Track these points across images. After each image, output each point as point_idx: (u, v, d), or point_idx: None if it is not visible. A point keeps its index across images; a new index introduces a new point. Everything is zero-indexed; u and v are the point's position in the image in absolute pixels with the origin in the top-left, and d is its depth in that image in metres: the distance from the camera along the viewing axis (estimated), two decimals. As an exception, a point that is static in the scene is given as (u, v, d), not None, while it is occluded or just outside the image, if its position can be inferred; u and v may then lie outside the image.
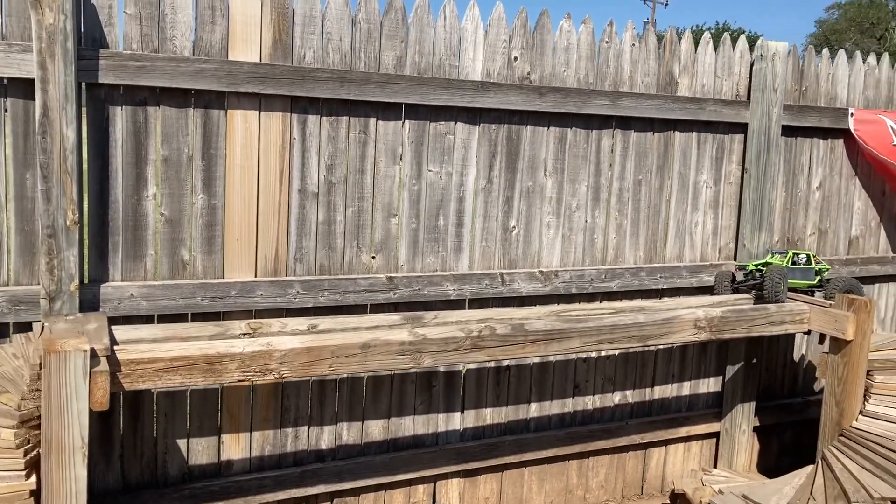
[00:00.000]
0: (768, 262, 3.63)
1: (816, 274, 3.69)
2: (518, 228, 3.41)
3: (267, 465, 3.10)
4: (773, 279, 3.47)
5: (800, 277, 3.65)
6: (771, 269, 3.51)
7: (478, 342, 2.79)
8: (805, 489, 3.20)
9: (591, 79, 3.47)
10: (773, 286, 3.46)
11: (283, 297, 2.97)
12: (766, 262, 3.64)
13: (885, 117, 4.15)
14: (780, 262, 3.62)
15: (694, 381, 3.95)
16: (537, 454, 3.57)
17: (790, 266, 3.62)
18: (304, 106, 2.95)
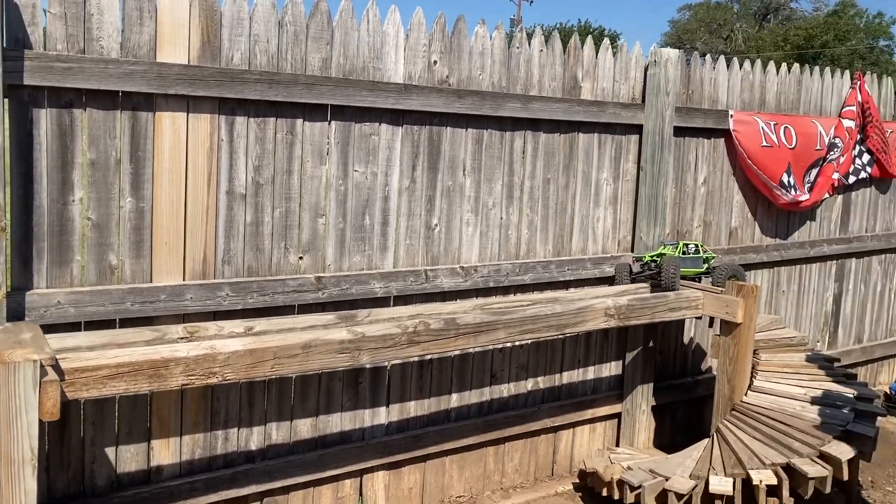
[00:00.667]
0: (662, 253, 3.93)
1: (704, 262, 4.03)
2: (440, 226, 3.54)
3: (198, 468, 3.08)
4: (669, 269, 3.76)
5: (690, 266, 3.97)
6: (666, 259, 3.80)
7: (413, 338, 2.89)
8: (705, 460, 3.51)
9: (504, 83, 3.64)
10: (670, 275, 3.75)
11: (213, 300, 2.96)
12: (660, 252, 3.94)
13: (758, 118, 4.56)
14: (672, 252, 3.92)
15: (598, 366, 4.21)
16: (458, 443, 3.71)
17: (681, 256, 3.94)
18: (232, 107, 2.95)
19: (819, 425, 3.46)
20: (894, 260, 5.73)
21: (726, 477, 3.30)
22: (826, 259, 5.23)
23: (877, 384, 5.83)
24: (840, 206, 5.25)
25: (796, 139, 4.68)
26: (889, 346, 5.79)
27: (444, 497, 3.76)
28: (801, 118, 4.79)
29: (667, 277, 3.76)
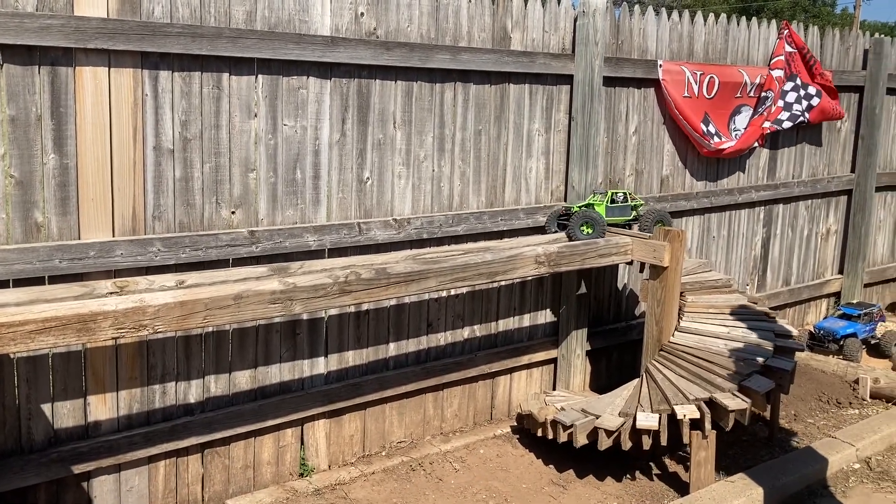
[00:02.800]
0: (590, 204, 4.04)
1: (633, 210, 4.15)
2: (372, 179, 3.58)
3: (136, 422, 3.12)
4: (574, 223, 3.90)
5: (618, 214, 4.09)
6: (576, 214, 3.93)
7: (345, 287, 2.96)
8: (633, 399, 3.67)
9: (433, 34, 3.66)
10: (573, 229, 3.90)
11: (144, 256, 2.98)
12: (589, 203, 4.05)
13: (685, 68, 4.66)
14: (600, 202, 4.04)
15: (533, 314, 4.33)
16: (397, 390, 3.80)
17: (609, 204, 4.05)
18: (156, 62, 2.93)
19: (740, 361, 3.63)
20: (820, 205, 5.95)
21: (653, 413, 3.46)
22: (754, 205, 5.41)
23: (804, 324, 6.09)
24: (767, 154, 5.41)
25: (717, 88, 4.80)
26: (815, 288, 6.03)
27: (385, 443, 3.86)
28: (728, 68, 4.91)
29: (571, 230, 3.90)
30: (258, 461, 3.46)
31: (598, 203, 4.03)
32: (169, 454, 3.21)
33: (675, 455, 3.88)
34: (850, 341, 5.33)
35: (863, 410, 4.55)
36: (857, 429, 4.15)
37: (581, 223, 3.92)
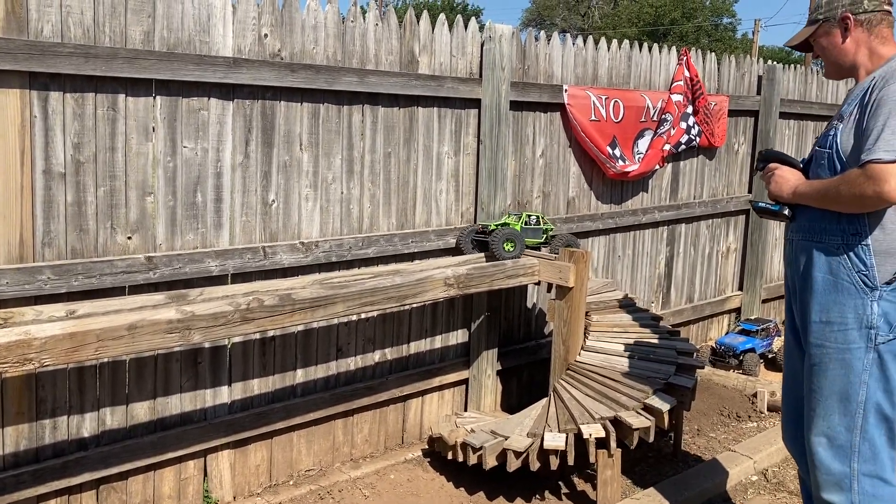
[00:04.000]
0: (506, 223, 4.08)
1: (544, 233, 4.21)
2: (278, 202, 3.52)
3: (23, 460, 2.95)
4: (497, 240, 3.93)
5: (531, 236, 4.15)
6: (497, 231, 3.96)
7: (247, 314, 2.88)
8: (542, 418, 3.70)
9: (340, 56, 3.64)
10: (496, 245, 3.92)
11: (33, 284, 2.83)
12: (504, 222, 4.09)
13: (590, 93, 4.78)
14: (515, 223, 4.09)
15: (445, 335, 4.33)
16: (305, 417, 3.73)
17: (524, 226, 4.11)
18: (45, 82, 2.81)
19: (644, 379, 3.72)
20: (720, 224, 6.18)
21: (560, 433, 3.50)
22: (658, 225, 5.58)
23: (707, 339, 6.30)
24: (670, 175, 5.60)
25: (623, 112, 4.94)
26: (717, 305, 6.26)
27: (292, 472, 3.78)
28: (631, 92, 5.06)
29: (494, 248, 3.93)
30: (158, 495, 3.33)
31: (514, 223, 4.08)
32: (60, 492, 3.05)
33: (583, 474, 3.94)
34: (749, 356, 5.54)
35: (760, 423, 4.73)
36: (754, 442, 4.30)
37: (504, 240, 3.94)
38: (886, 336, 2.49)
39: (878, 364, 2.51)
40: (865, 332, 2.51)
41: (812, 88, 6.87)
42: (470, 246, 4.11)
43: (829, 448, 2.59)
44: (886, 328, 2.49)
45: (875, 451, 2.54)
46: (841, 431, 2.56)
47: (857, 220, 2.50)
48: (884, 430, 2.55)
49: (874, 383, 2.52)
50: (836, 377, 2.57)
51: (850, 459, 2.56)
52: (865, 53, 2.65)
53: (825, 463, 2.60)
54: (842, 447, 2.56)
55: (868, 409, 2.53)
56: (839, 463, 2.57)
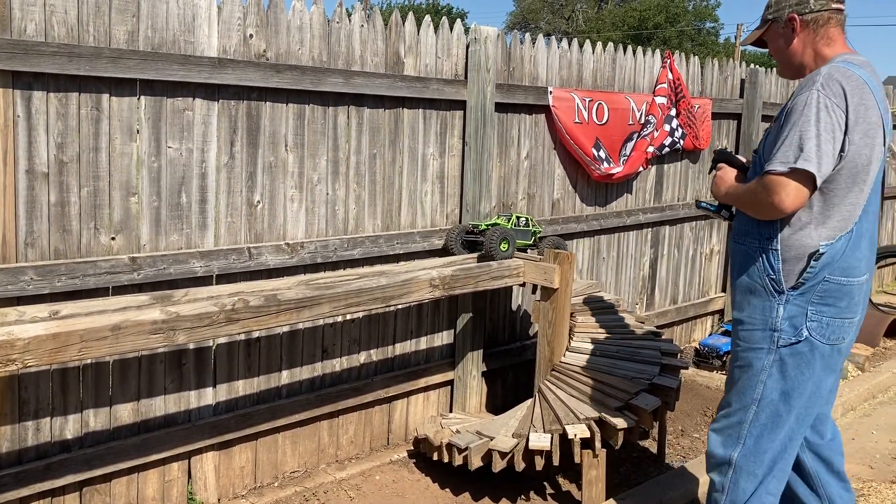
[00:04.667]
0: (496, 223, 4.09)
1: (532, 235, 4.23)
2: (263, 203, 3.51)
3: (6, 462, 2.93)
4: (493, 239, 3.93)
5: (520, 238, 4.16)
6: (491, 230, 3.97)
7: (232, 315, 2.88)
8: (527, 419, 3.71)
9: (325, 57, 3.64)
10: (492, 244, 3.92)
11: (16, 285, 2.81)
12: (494, 222, 4.10)
13: (575, 95, 4.81)
14: (505, 223, 4.10)
15: (430, 336, 4.33)
16: (290, 419, 3.72)
17: (513, 227, 4.12)
18: (29, 82, 2.79)
19: (628, 380, 3.73)
20: (703, 226, 6.23)
21: (545, 433, 3.51)
22: (642, 227, 5.61)
23: (691, 340, 6.34)
24: (654, 177, 5.63)
25: (608, 115, 4.97)
26: (701, 306, 6.30)
27: (277, 473, 3.77)
28: (615, 95, 5.09)
29: (487, 246, 3.92)
30: (142, 497, 3.31)
31: (505, 224, 4.09)
32: (43, 494, 3.03)
33: (568, 474, 3.95)
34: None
35: (744, 423, 4.76)
36: (738, 442, 4.32)
37: (500, 239, 3.95)
38: (789, 339, 2.54)
39: (779, 366, 2.57)
40: (769, 334, 2.57)
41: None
42: (459, 246, 4.11)
43: (719, 434, 2.73)
44: (791, 331, 2.53)
45: (759, 448, 2.63)
46: (733, 422, 2.68)
47: (771, 226, 2.55)
48: (775, 431, 2.61)
49: (772, 384, 2.59)
50: (739, 373, 2.68)
51: (734, 449, 2.67)
52: (811, 54, 2.64)
53: (711, 446, 2.76)
54: (730, 436, 2.68)
55: (762, 407, 2.61)
56: (723, 449, 2.70)
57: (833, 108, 2.39)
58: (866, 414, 5.09)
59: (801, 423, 2.63)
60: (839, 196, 2.46)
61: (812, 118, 2.39)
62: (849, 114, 2.40)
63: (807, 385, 2.57)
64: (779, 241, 2.53)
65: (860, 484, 4.02)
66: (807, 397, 2.59)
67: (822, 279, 2.50)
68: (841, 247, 2.49)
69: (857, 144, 2.42)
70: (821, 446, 2.87)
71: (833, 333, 2.53)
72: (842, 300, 2.51)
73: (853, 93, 2.40)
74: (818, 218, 2.49)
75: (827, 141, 2.37)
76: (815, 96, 2.41)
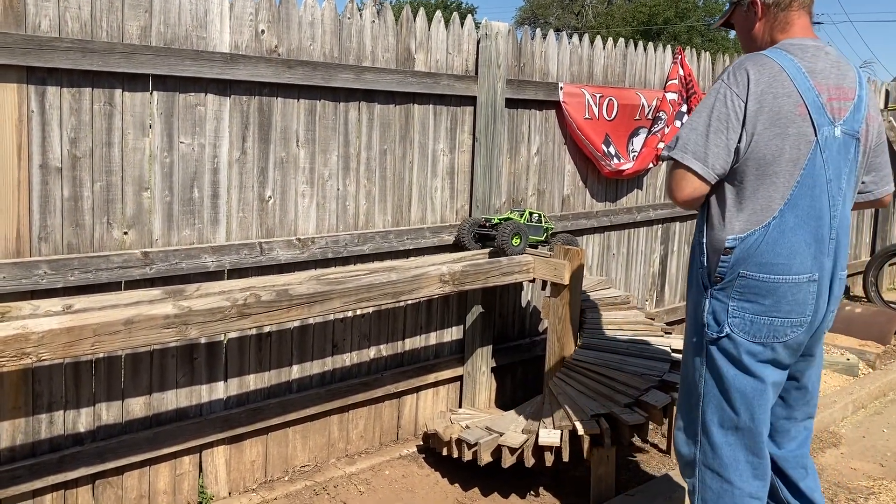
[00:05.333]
0: (509, 218, 4.08)
1: (544, 231, 4.22)
2: (274, 198, 3.52)
3: (20, 454, 2.95)
4: (505, 233, 3.93)
5: (533, 234, 4.16)
6: (504, 224, 3.97)
7: (244, 310, 2.89)
8: (536, 415, 3.72)
9: (337, 53, 3.64)
10: (504, 238, 3.92)
11: (29, 279, 2.83)
12: (507, 216, 4.10)
13: (585, 91, 4.80)
14: (518, 219, 4.10)
15: (439, 331, 4.34)
16: (300, 413, 3.73)
17: (526, 222, 4.12)
18: (43, 77, 2.81)
19: (638, 376, 3.73)
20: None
21: (555, 429, 3.51)
22: (652, 223, 5.60)
23: (700, 338, 6.32)
24: (665, 173, 5.62)
25: (617, 111, 4.96)
26: (710, 303, 6.27)
27: (287, 467, 3.78)
28: (626, 91, 5.08)
29: (500, 240, 3.93)
30: (154, 490, 3.33)
31: (517, 219, 4.09)
32: (56, 486, 3.05)
33: (577, 470, 3.96)
34: (742, 354, 5.56)
35: (754, 420, 4.75)
36: (748, 439, 4.32)
37: (513, 234, 3.95)
38: (712, 334, 2.46)
39: (709, 361, 2.51)
40: (700, 329, 2.52)
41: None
42: (471, 239, 4.11)
43: (682, 432, 2.67)
44: (715, 326, 2.46)
45: (713, 445, 2.54)
46: (690, 419, 2.62)
47: (701, 218, 2.51)
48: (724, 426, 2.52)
49: (710, 379, 2.52)
50: (685, 368, 2.65)
51: (694, 447, 2.61)
52: (768, 40, 2.50)
53: (678, 444, 2.69)
54: (690, 433, 2.63)
55: (707, 403, 2.54)
56: (686, 448, 2.64)
57: (732, 97, 2.31)
58: (877, 412, 5.07)
59: (754, 418, 2.48)
60: (749, 189, 2.35)
61: (706, 109, 2.35)
62: (748, 103, 2.29)
63: (743, 381, 2.45)
64: (705, 235, 2.47)
65: (871, 482, 4.02)
66: (749, 392, 2.46)
67: (737, 274, 2.40)
68: (755, 242, 2.36)
69: (762, 135, 2.30)
70: (777, 457, 2.69)
71: (759, 332, 2.41)
72: (765, 298, 2.38)
73: (760, 80, 2.30)
74: (731, 212, 2.39)
75: (717, 132, 2.31)
76: (717, 86, 2.36)
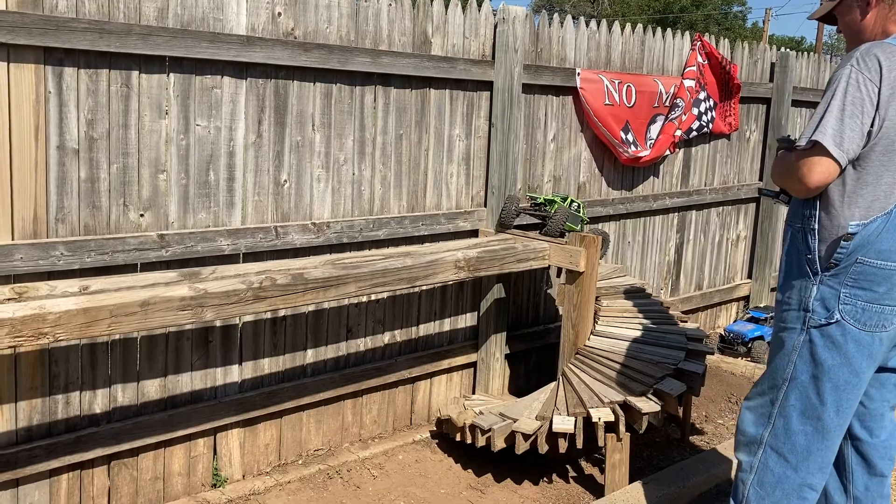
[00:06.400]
0: (553, 200, 4.07)
1: (580, 221, 4.19)
2: (290, 182, 3.51)
3: (36, 434, 2.97)
4: (559, 217, 3.94)
5: (571, 221, 4.14)
6: (561, 209, 3.97)
7: (259, 293, 2.89)
8: (550, 402, 3.71)
9: (353, 36, 3.62)
10: (557, 224, 3.93)
11: (47, 260, 2.84)
12: (552, 199, 4.08)
13: (603, 77, 4.75)
14: (561, 204, 4.08)
15: (453, 318, 4.33)
16: (314, 397, 3.74)
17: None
18: (60, 58, 2.81)
19: (654, 364, 3.71)
20: (730, 212, 6.16)
21: (569, 416, 3.50)
22: (668, 211, 5.56)
23: (716, 327, 6.30)
24: (681, 162, 5.57)
25: (636, 97, 4.92)
26: (726, 292, 6.24)
27: (301, 451, 3.79)
28: (644, 77, 5.03)
29: (554, 224, 3.94)
30: (168, 472, 3.35)
31: (560, 205, 4.08)
32: (72, 467, 3.07)
33: (591, 457, 3.95)
34: (758, 344, 5.53)
35: (769, 410, 4.72)
36: (763, 428, 4.29)
37: (566, 219, 3.98)
38: (819, 320, 2.47)
39: (809, 347, 2.50)
40: (802, 314, 2.51)
41: (825, 76, 6.82)
42: (513, 216, 4.11)
43: (751, 412, 2.65)
44: (823, 312, 2.46)
45: (788, 430, 2.55)
46: (765, 401, 2.61)
47: (811, 204, 2.48)
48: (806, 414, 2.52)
49: (802, 365, 2.52)
50: (774, 351, 2.63)
51: (765, 428, 2.60)
52: (879, 32, 2.50)
53: (743, 423, 2.67)
54: (761, 415, 2.62)
55: (791, 388, 2.54)
56: (753, 427, 2.63)
57: (865, 82, 2.32)
58: None
59: (840, 412, 2.50)
60: (873, 175, 2.38)
61: (840, 93, 2.34)
62: (882, 88, 2.31)
63: (839, 371, 2.47)
64: (817, 221, 2.46)
65: None
66: (842, 385, 2.47)
67: (854, 261, 2.40)
68: (876, 228, 2.38)
69: (892, 120, 2.33)
70: (867, 444, 2.69)
71: (870, 319, 2.42)
72: (880, 285, 2.40)
73: (892, 67, 2.31)
74: (851, 197, 2.41)
75: (852, 115, 2.31)
76: (848, 71, 2.35)
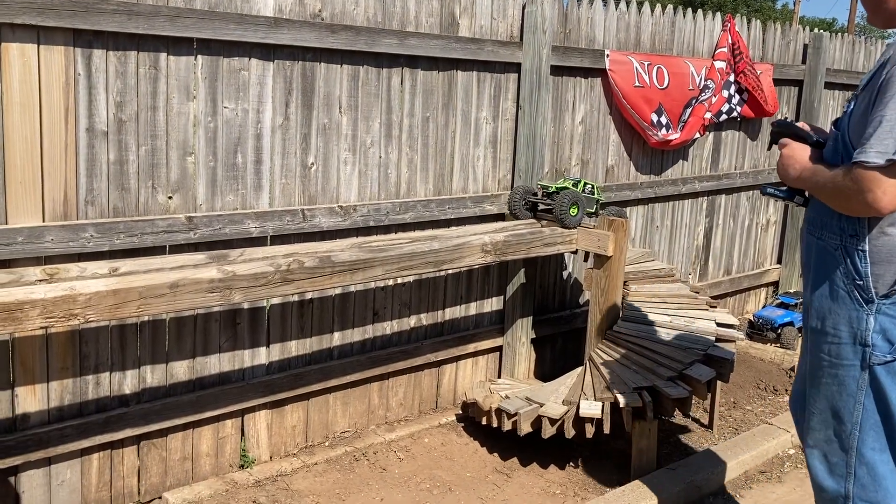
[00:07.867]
0: (565, 186, 4.00)
1: (596, 203, 4.14)
2: (317, 165, 3.50)
3: (68, 414, 3.01)
4: (562, 203, 3.85)
5: (585, 205, 4.09)
6: (563, 193, 3.89)
7: (287, 276, 2.89)
8: (577, 387, 3.68)
9: (380, 18, 3.59)
10: (563, 208, 3.85)
11: (77, 242, 2.86)
12: (563, 185, 4.01)
13: (633, 59, 4.68)
14: (573, 188, 4.01)
15: (479, 302, 4.31)
16: (341, 380, 3.75)
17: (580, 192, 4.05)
18: (89, 40, 2.81)
19: (682, 350, 3.67)
20: (761, 196, 6.06)
21: (596, 401, 3.48)
22: (698, 195, 5.49)
23: (744, 312, 6.22)
24: (711, 145, 5.49)
25: (668, 79, 4.84)
26: (755, 278, 6.16)
27: (328, 433, 3.81)
28: (674, 59, 4.95)
29: (559, 210, 3.86)
30: (197, 453, 3.38)
31: (572, 189, 3.99)
32: (103, 446, 3.10)
33: (617, 442, 3.92)
34: (788, 330, 5.46)
35: (798, 397, 4.66)
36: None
37: (571, 203, 3.89)
38: (884, 356, 2.12)
39: (875, 386, 2.15)
40: (860, 350, 2.15)
41: (859, 58, 6.68)
42: (522, 207, 4.04)
43: (824, 463, 2.30)
44: (885, 347, 2.12)
45: (876, 477, 2.20)
46: (835, 449, 2.26)
47: (857, 221, 2.11)
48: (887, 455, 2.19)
49: (871, 405, 2.17)
50: (829, 392, 2.24)
51: (846, 481, 2.24)
52: None
53: (819, 478, 2.32)
54: (837, 465, 2.26)
55: (866, 430, 2.19)
56: (833, 482, 2.27)
57: None
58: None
59: None
60: None
61: None
62: None
63: None
64: (866, 241, 2.10)
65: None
66: None
67: None
68: None
69: None
70: None
71: None
72: None
73: None
74: None
75: None
76: None
